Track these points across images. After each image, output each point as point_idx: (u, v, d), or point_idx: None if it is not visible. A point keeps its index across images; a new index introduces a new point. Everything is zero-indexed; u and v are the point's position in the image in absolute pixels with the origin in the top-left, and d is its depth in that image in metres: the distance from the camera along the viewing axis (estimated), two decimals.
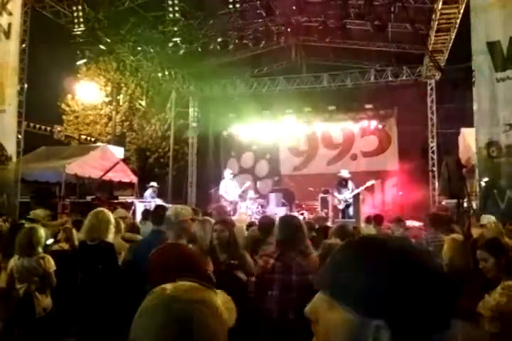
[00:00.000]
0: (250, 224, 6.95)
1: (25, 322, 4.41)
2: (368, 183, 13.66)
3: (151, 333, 0.95)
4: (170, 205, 14.00)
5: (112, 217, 4.41)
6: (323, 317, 0.89)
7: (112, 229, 4.37)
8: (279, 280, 3.53)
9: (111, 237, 4.33)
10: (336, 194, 13.39)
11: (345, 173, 13.51)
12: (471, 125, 9.52)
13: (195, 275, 1.10)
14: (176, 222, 3.52)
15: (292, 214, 11.20)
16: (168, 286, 1.03)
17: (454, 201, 11.59)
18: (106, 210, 4.53)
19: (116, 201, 14.37)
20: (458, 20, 12.18)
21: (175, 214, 3.57)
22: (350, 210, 13.07)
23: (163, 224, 3.84)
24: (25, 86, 11.90)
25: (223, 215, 5.44)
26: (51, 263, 4.62)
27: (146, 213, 8.37)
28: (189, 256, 3.45)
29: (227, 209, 6.78)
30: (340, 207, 13.24)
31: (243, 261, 3.91)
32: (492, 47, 8.52)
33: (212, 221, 4.57)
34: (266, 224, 5.01)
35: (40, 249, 4.67)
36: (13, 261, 4.61)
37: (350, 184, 13.27)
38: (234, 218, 9.81)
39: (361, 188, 13.37)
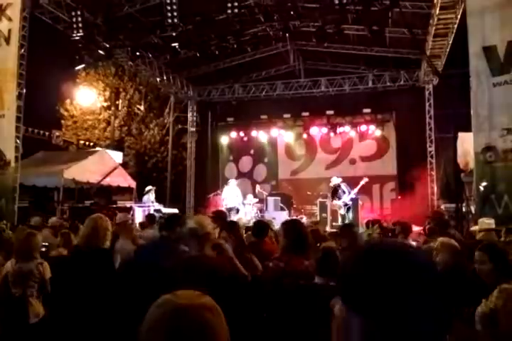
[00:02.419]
0: (248, 229, 6.96)
1: (17, 328, 4.37)
2: (362, 182, 13.71)
3: None
4: (168, 209, 14.00)
5: (109, 223, 4.37)
6: None
7: (109, 235, 4.33)
8: (288, 284, 3.54)
9: (107, 244, 4.29)
10: (334, 202, 13.41)
11: (336, 180, 13.59)
12: (469, 130, 9.54)
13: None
14: (203, 234, 3.46)
15: (295, 218, 11.24)
16: (172, 295, 1.06)
17: (453, 205, 11.66)
18: (104, 216, 4.49)
19: (114, 206, 14.39)
20: (455, 26, 12.23)
21: (201, 225, 3.51)
22: (350, 215, 13.09)
23: (183, 234, 3.76)
24: (24, 91, 11.91)
25: (220, 220, 5.40)
26: (48, 270, 4.60)
27: (151, 218, 8.38)
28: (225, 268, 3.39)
29: (226, 215, 6.76)
30: (342, 212, 13.24)
31: (251, 264, 3.91)
32: (488, 51, 8.56)
33: None
34: (260, 228, 5.02)
35: (37, 255, 4.66)
36: (10, 265, 4.60)
37: (344, 188, 13.31)
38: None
39: (357, 188, 13.42)
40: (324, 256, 3.19)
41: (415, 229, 11.84)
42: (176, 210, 14.67)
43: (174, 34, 12.91)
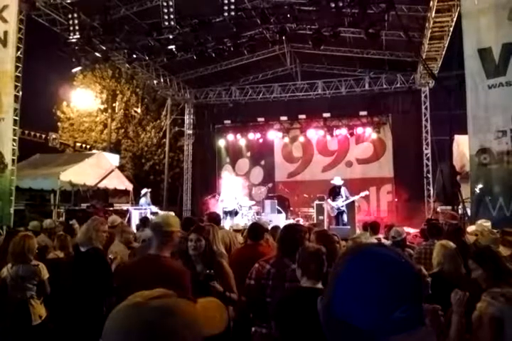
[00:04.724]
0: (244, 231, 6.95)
1: (21, 330, 4.40)
2: (362, 194, 13.69)
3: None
4: (165, 212, 13.97)
5: (101, 224, 4.46)
6: None
7: (100, 236, 4.41)
8: (273, 286, 3.53)
9: (98, 244, 4.38)
10: (329, 201, 13.43)
11: (337, 181, 13.55)
12: (465, 132, 9.56)
13: (180, 290, 1.08)
14: (166, 231, 3.28)
15: (296, 222, 11.23)
16: (138, 294, 1.00)
17: (449, 207, 11.67)
18: (96, 218, 4.62)
19: (111, 208, 14.36)
20: (451, 28, 12.30)
21: (166, 222, 3.32)
22: (345, 217, 13.11)
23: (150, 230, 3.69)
24: (20, 93, 11.89)
25: (213, 223, 5.40)
26: (44, 271, 4.63)
27: (144, 220, 8.41)
28: (175, 270, 3.21)
29: (219, 217, 6.75)
30: (333, 214, 13.27)
31: (220, 270, 3.80)
32: (483, 53, 8.59)
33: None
34: (255, 231, 5.00)
35: (32, 257, 4.66)
36: (6, 269, 4.60)
37: (343, 191, 13.31)
38: (230, 225, 9.82)
39: (354, 198, 13.41)
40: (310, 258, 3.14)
41: (411, 231, 11.90)
42: (172, 213, 14.65)
43: (171, 36, 12.93)
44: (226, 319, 1.18)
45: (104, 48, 13.54)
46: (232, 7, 11.32)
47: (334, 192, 13.39)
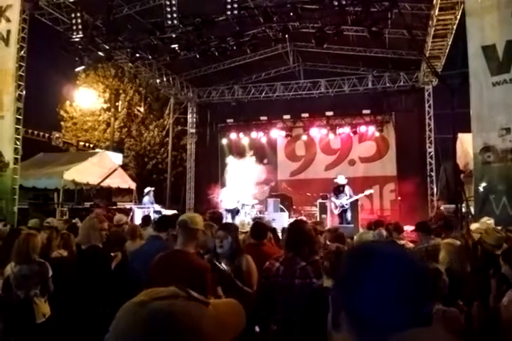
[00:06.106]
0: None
1: (24, 329, 4.40)
2: (366, 192, 13.67)
3: (118, 338, 0.91)
4: (168, 211, 13.97)
5: (98, 223, 4.51)
6: None
7: (98, 234, 4.46)
8: (282, 283, 3.55)
9: (97, 242, 4.43)
10: (333, 199, 13.42)
11: (341, 179, 13.54)
12: (468, 130, 9.53)
13: (201, 287, 1.05)
14: (192, 229, 3.43)
15: (302, 219, 11.20)
16: (146, 292, 0.96)
17: (453, 206, 11.64)
18: (93, 217, 4.69)
19: (114, 207, 14.38)
20: (454, 26, 12.26)
21: (192, 220, 3.49)
22: (348, 215, 13.10)
23: (174, 229, 3.78)
24: (24, 92, 11.92)
25: (216, 222, 5.40)
26: (48, 269, 4.62)
27: (146, 219, 8.40)
28: (197, 266, 3.30)
29: (222, 216, 6.74)
30: (336, 212, 13.26)
31: (247, 267, 3.86)
32: (487, 50, 8.55)
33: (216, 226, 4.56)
34: (258, 230, 4.99)
35: (36, 256, 4.66)
36: (10, 268, 4.59)
37: (347, 190, 13.29)
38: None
39: (358, 196, 13.39)
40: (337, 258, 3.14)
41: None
42: (175, 212, 14.66)
43: (174, 35, 12.92)
44: (243, 323, 1.14)
45: (107, 47, 13.54)
46: (235, 6, 11.30)
47: (338, 191, 13.39)
